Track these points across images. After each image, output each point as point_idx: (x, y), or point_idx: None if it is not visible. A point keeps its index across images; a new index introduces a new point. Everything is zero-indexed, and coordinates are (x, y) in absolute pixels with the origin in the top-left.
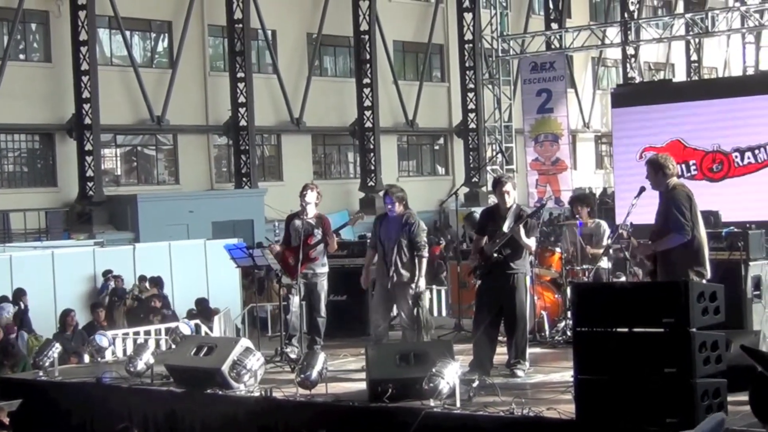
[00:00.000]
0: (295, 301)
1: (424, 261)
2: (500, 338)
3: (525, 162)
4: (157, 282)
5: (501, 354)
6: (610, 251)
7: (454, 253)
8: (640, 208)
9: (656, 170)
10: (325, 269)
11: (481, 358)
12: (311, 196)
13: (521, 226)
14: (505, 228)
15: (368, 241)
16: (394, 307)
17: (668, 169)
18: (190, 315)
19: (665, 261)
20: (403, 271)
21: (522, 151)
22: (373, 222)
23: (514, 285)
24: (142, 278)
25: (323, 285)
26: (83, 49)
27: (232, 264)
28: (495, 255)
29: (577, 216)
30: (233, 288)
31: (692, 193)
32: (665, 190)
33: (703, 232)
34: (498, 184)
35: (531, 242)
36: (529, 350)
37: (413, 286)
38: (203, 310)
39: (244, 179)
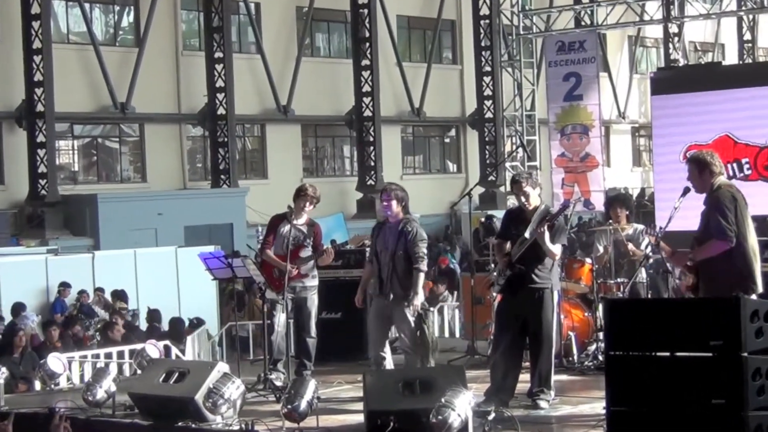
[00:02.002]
0: (281, 319)
1: (421, 275)
2: (524, 363)
3: (549, 158)
4: (120, 296)
5: (522, 382)
6: (650, 261)
7: (467, 265)
8: (685, 213)
9: (700, 169)
10: (315, 282)
11: (499, 386)
12: (308, 207)
13: (545, 228)
14: (527, 233)
15: (367, 251)
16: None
17: (714, 167)
18: (158, 334)
19: (706, 273)
20: (398, 287)
21: (546, 144)
22: (371, 231)
23: (539, 301)
24: (99, 290)
25: (313, 300)
26: (35, 25)
27: (207, 276)
28: (516, 266)
29: (610, 221)
30: (209, 304)
31: (741, 195)
32: (709, 192)
33: (753, 239)
34: (513, 183)
35: (556, 249)
36: (554, 377)
37: (407, 303)
38: (174, 330)
39: (222, 177)
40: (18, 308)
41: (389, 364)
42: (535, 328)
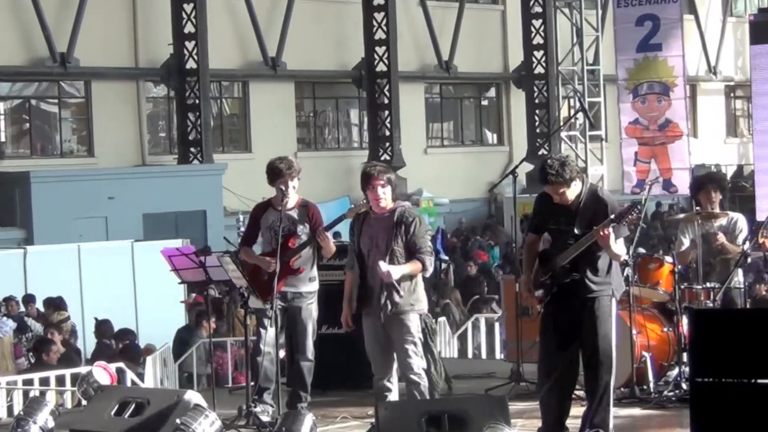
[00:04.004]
0: (270, 335)
1: (419, 266)
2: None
3: (618, 126)
4: (57, 305)
5: (575, 417)
6: (748, 259)
7: (511, 264)
8: None
9: None
10: (314, 287)
11: (553, 423)
12: (291, 184)
13: (610, 228)
14: (577, 229)
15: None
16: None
17: None
18: (107, 353)
19: None
20: (396, 295)
21: (614, 108)
22: (349, 228)
23: (594, 313)
24: (29, 299)
25: (310, 311)
26: None
27: (173, 278)
28: (564, 271)
29: (698, 208)
30: (175, 314)
31: None
32: None
33: None
34: (542, 176)
35: (621, 248)
36: (625, 411)
37: (385, 269)
38: (128, 348)
39: (192, 150)
40: None
41: (395, 396)
42: (591, 347)
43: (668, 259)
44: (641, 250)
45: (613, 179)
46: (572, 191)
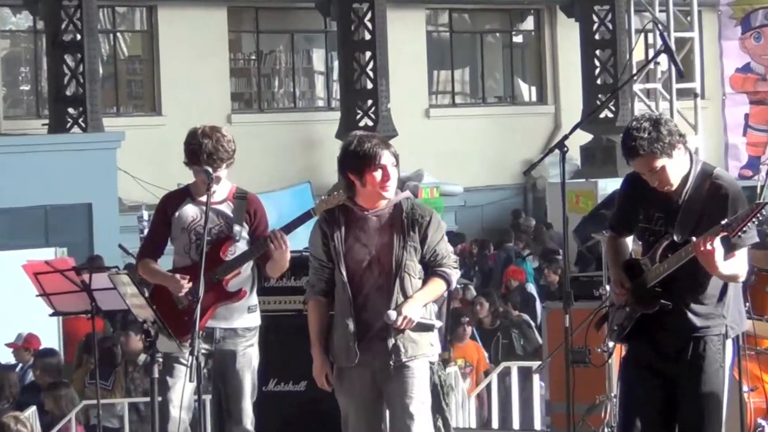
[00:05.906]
0: (187, 394)
1: (443, 286)
2: None
3: (720, 74)
4: None
5: None
6: None
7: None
8: None
9: None
10: (255, 321)
11: None
12: (222, 168)
13: (718, 239)
14: (676, 235)
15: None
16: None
17: None
18: None
19: None
20: (415, 334)
21: (713, 49)
22: (313, 229)
23: (697, 361)
24: None
25: (250, 358)
26: None
27: (42, 306)
28: (652, 296)
29: None
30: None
31: None
32: None
33: None
34: (628, 146)
35: (739, 266)
36: None
37: (398, 314)
38: None
39: (71, 112)
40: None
41: None
42: (693, 408)
43: None
44: None
45: (711, 155)
46: (675, 167)
